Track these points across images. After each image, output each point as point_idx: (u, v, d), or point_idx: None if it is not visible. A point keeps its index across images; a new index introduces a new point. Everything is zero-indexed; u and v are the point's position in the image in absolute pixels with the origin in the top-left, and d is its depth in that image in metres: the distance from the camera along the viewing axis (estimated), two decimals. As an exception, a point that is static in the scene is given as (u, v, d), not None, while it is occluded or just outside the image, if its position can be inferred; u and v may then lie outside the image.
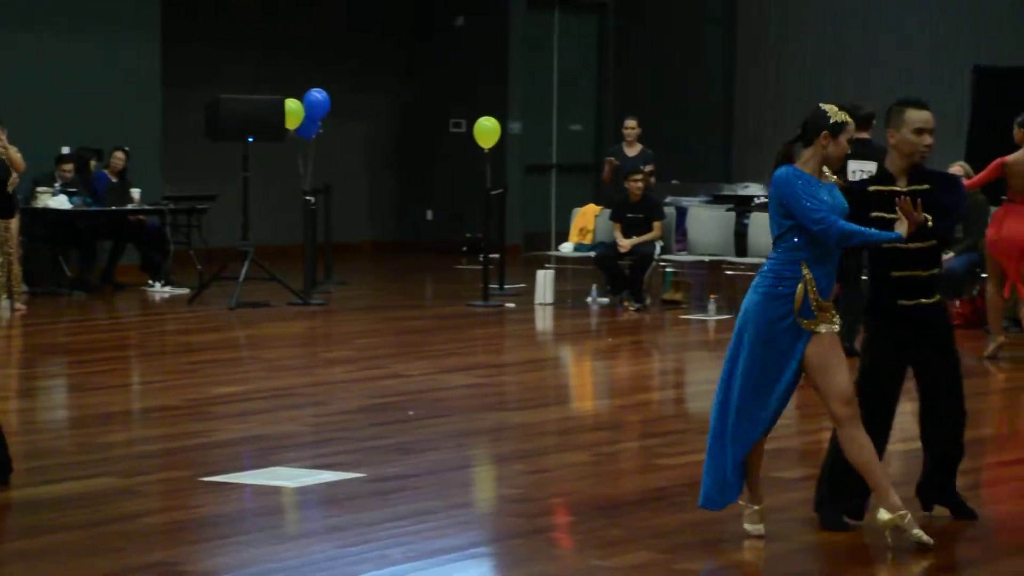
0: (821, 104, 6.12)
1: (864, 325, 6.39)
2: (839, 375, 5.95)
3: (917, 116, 6.21)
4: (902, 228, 5.98)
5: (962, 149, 17.17)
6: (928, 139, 6.19)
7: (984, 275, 13.03)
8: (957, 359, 6.35)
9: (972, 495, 6.86)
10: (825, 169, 6.08)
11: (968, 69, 18.05)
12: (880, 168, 6.38)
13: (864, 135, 10.78)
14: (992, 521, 6.54)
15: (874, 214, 6.14)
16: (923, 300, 6.22)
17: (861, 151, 10.66)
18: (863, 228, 5.97)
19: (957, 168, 12.96)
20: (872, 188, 6.27)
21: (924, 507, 6.41)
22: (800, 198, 5.92)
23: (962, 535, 6.29)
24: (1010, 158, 10.88)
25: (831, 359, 5.96)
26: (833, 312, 6.01)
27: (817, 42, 20.15)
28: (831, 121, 6.03)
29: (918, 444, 6.51)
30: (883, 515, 5.93)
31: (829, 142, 6.02)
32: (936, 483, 6.39)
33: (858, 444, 5.96)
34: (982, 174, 11.02)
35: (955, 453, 6.42)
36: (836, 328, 6.01)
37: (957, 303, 12.88)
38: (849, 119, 6.08)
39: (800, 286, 5.93)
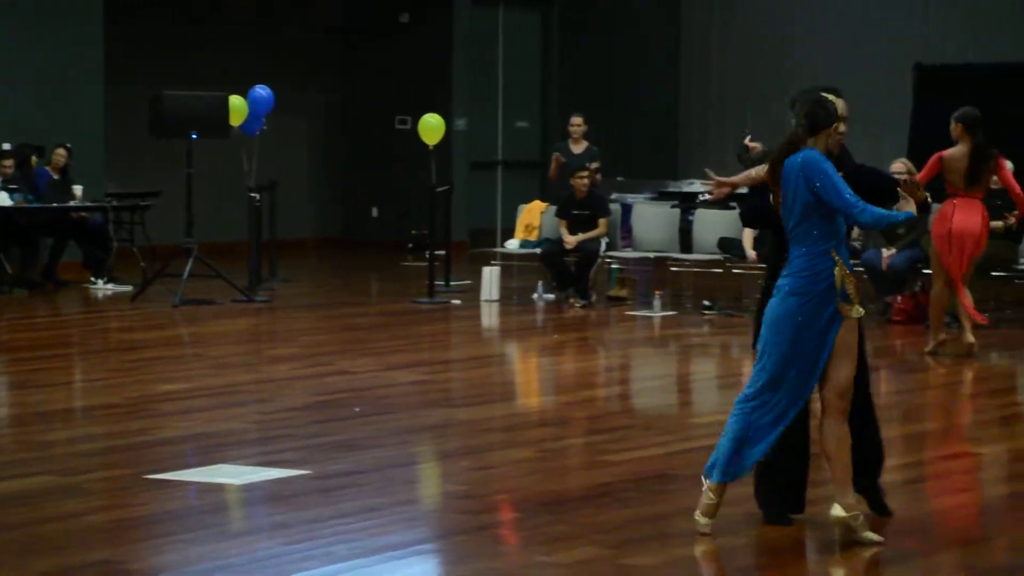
0: (821, 93, 6.08)
1: (774, 296, 6.30)
2: (848, 365, 5.97)
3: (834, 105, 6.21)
4: (912, 208, 6.02)
5: (905, 146, 17.31)
6: (843, 127, 6.22)
7: (926, 271, 13.16)
8: (864, 352, 6.31)
9: (913, 489, 6.92)
10: None
11: (911, 67, 18.19)
12: None
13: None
14: (933, 514, 6.59)
15: None
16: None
17: None
18: (887, 211, 6.00)
19: (899, 165, 13.06)
20: None
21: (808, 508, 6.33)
22: (834, 179, 5.91)
23: (903, 528, 6.33)
24: (947, 153, 10.97)
25: (849, 346, 5.98)
26: (860, 297, 6.05)
27: (760, 40, 20.26)
28: (838, 112, 6.09)
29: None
30: (837, 511, 5.94)
31: (833, 133, 6.08)
32: (859, 485, 6.27)
33: (837, 437, 5.96)
34: (923, 171, 11.09)
35: (877, 453, 6.37)
36: (863, 313, 6.03)
37: (899, 299, 12.98)
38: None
39: (836, 271, 5.92)
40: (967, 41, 18.62)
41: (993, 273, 12.89)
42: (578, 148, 15.27)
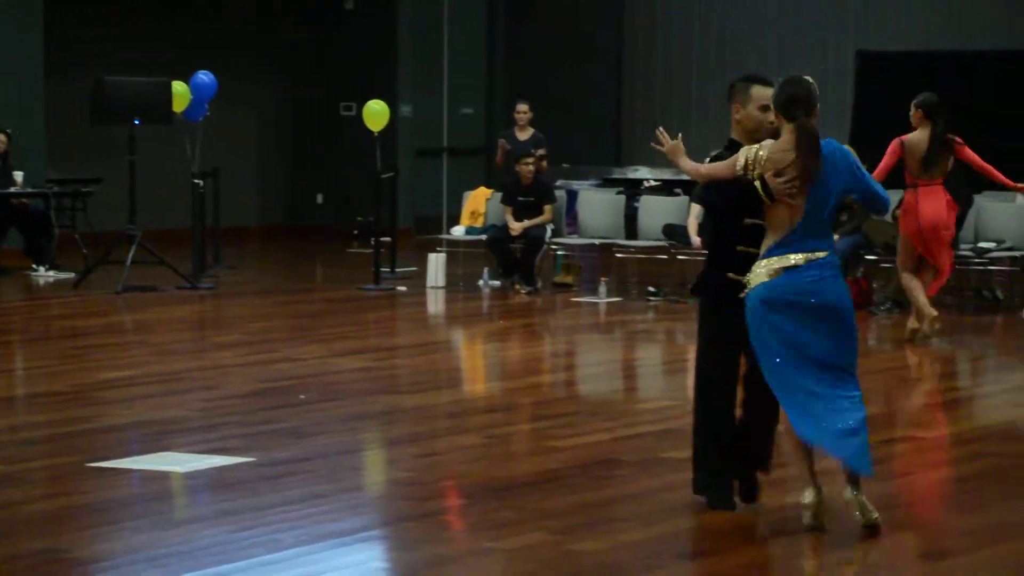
0: (804, 77, 6.03)
1: (706, 293, 6.30)
2: None
3: (762, 93, 6.16)
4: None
5: (846, 133, 17.44)
6: (771, 116, 6.18)
7: (869, 257, 13.26)
8: None
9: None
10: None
11: (852, 54, 18.31)
12: (733, 143, 6.34)
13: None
14: (878, 498, 6.65)
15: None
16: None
17: None
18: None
19: None
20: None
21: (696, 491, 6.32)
22: (861, 167, 6.02)
23: (848, 512, 6.38)
24: (907, 138, 10.99)
25: None
26: None
27: (704, 26, 20.32)
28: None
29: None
30: (847, 494, 5.99)
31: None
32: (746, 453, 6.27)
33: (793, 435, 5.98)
34: (885, 160, 11.05)
35: (769, 443, 6.31)
36: None
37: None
38: None
39: None
40: (909, 28, 18.75)
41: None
42: (524, 135, 15.27)
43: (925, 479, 7.30)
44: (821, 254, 5.93)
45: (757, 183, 5.94)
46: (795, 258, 5.91)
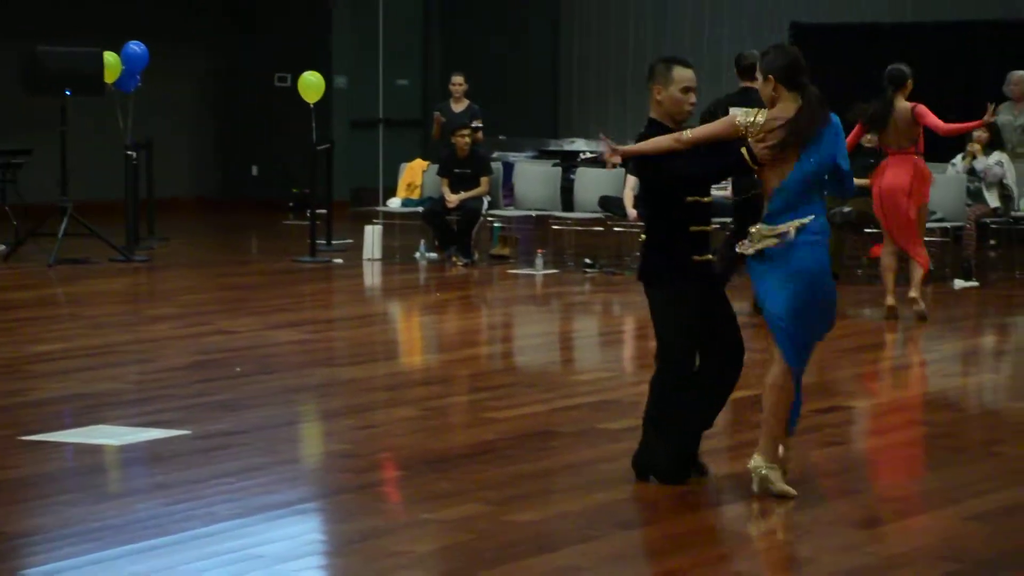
0: (786, 47, 6.14)
1: (660, 282, 6.24)
2: None
3: (684, 74, 6.24)
4: None
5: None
6: (692, 97, 6.24)
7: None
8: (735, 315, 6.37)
9: (790, 444, 7.02)
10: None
11: (787, 25, 18.38)
12: (653, 122, 6.32)
13: (748, 84, 11.02)
14: (807, 467, 6.71)
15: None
16: (708, 256, 6.28)
17: (743, 100, 10.91)
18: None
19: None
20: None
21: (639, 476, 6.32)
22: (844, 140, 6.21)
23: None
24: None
25: None
26: None
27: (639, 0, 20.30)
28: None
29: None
30: (757, 461, 6.05)
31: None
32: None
33: (788, 391, 6.05)
34: (850, 137, 11.11)
35: (720, 401, 6.37)
36: None
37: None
38: None
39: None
40: (842, 1, 18.84)
41: (867, 230, 13.11)
42: (459, 107, 15.23)
43: (858, 448, 7.38)
44: (807, 220, 5.98)
45: (744, 149, 5.99)
46: (784, 226, 5.97)
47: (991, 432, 7.71)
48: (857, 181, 12.01)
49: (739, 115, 6.07)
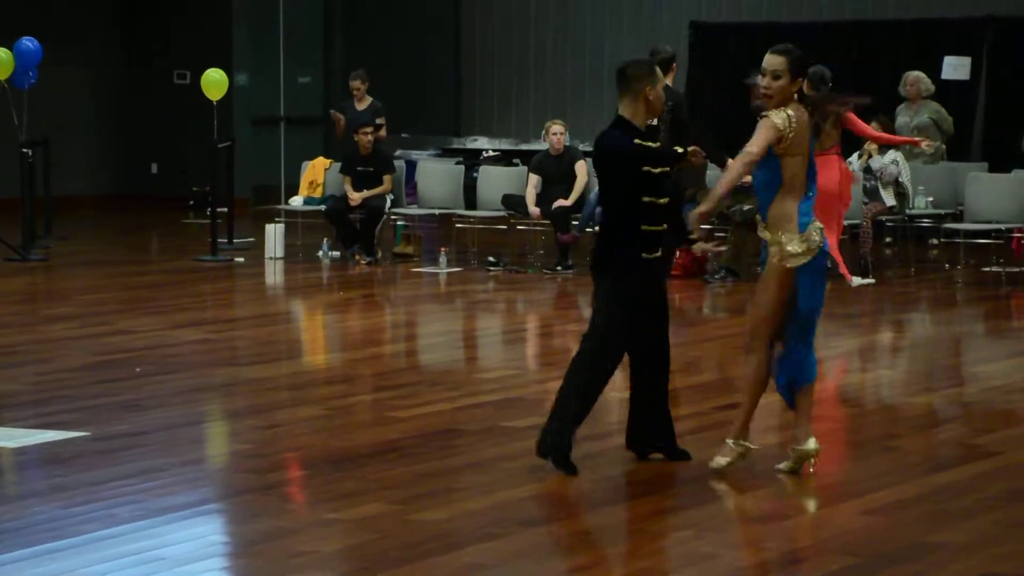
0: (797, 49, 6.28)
1: (608, 273, 6.46)
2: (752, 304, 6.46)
3: (660, 73, 6.55)
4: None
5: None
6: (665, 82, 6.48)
7: (704, 226, 13.46)
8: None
9: (692, 439, 7.10)
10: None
11: (686, 24, 18.53)
12: (630, 126, 6.42)
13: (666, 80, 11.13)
14: (708, 463, 6.77)
15: (644, 168, 6.36)
16: (657, 254, 6.48)
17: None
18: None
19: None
20: (637, 142, 6.40)
21: (640, 455, 6.64)
22: None
23: (681, 477, 6.50)
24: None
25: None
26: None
27: (542, -4, 20.36)
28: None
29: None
30: (811, 444, 6.40)
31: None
32: (653, 429, 6.62)
33: (763, 373, 6.39)
34: None
35: (665, 400, 6.67)
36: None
37: (677, 254, 13.24)
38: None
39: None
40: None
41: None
42: (361, 105, 15.18)
43: (757, 444, 7.45)
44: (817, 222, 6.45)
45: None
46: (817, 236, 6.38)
47: (888, 427, 7.84)
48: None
49: (775, 118, 6.22)
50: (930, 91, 13.84)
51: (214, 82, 15.15)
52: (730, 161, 6.52)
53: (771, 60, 6.28)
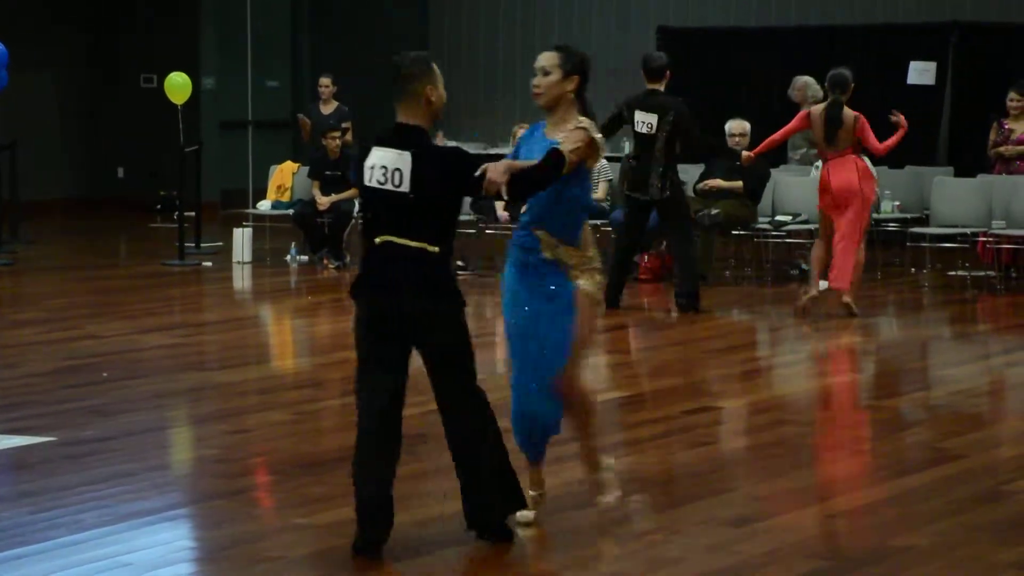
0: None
1: (457, 296, 5.69)
2: None
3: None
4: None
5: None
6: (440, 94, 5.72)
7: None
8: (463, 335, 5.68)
9: (659, 444, 7.12)
10: None
11: (653, 29, 18.57)
12: (406, 128, 5.71)
13: (654, 86, 11.18)
14: (677, 467, 6.79)
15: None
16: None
17: (647, 102, 11.09)
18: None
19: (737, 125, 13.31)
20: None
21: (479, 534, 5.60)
22: None
23: (648, 480, 6.51)
24: (813, 109, 11.22)
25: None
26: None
27: (508, 2, 20.38)
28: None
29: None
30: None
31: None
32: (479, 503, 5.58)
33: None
34: (790, 124, 11.40)
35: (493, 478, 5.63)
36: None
37: (646, 258, 13.28)
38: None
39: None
40: (708, 4, 19.08)
41: (733, 232, 13.30)
42: (328, 108, 15.17)
43: (726, 448, 7.48)
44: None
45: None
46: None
47: (855, 431, 7.87)
48: (730, 184, 12.27)
49: (594, 132, 5.61)
50: (816, 97, 13.86)
51: (177, 85, 15.09)
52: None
53: (543, 56, 5.72)
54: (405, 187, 5.50)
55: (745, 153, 11.70)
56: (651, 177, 11.25)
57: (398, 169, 5.52)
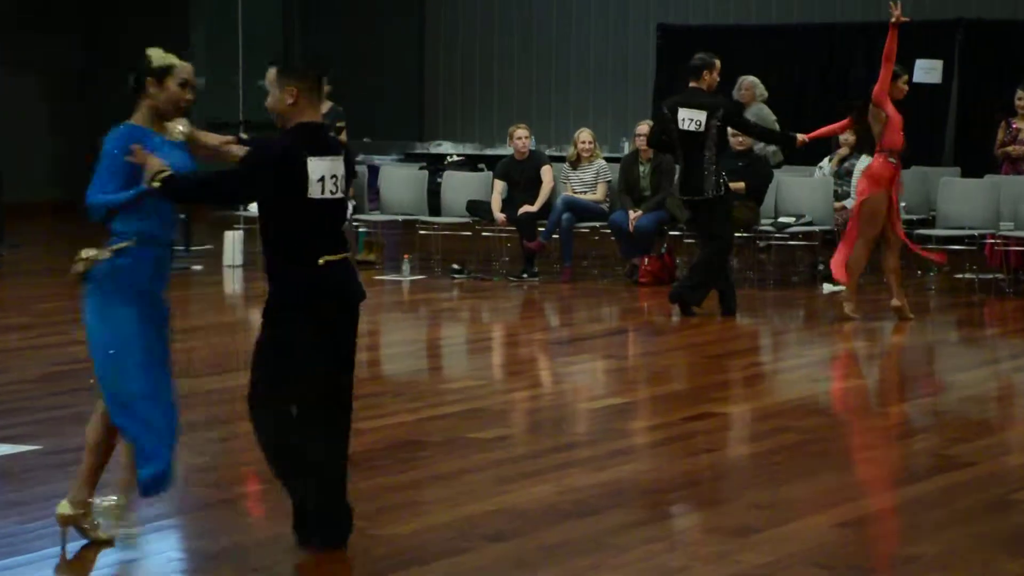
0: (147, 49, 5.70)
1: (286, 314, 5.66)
2: None
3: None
4: None
5: (648, 109, 17.71)
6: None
7: (673, 232, 13.51)
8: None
9: (660, 451, 7.11)
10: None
11: (653, 27, 18.58)
12: (281, 128, 5.82)
13: (696, 85, 11.22)
14: (679, 475, 6.78)
15: None
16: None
17: (692, 100, 11.12)
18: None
19: (644, 127, 13.31)
20: None
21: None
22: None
23: (648, 488, 6.50)
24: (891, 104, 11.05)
25: None
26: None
27: (505, 2, 20.37)
28: (153, 66, 5.68)
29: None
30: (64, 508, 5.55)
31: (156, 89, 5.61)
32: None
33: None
34: (838, 124, 11.51)
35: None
36: None
37: (646, 261, 13.28)
38: (175, 62, 5.66)
39: None
40: (709, 1, 19.09)
41: (736, 234, 13.27)
42: (322, 108, 15.14)
43: (728, 455, 7.47)
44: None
45: None
46: None
47: (860, 438, 7.87)
48: (733, 185, 12.23)
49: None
50: (763, 96, 13.86)
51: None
52: None
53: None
54: (340, 193, 5.50)
55: (800, 136, 11.65)
56: (704, 176, 11.20)
57: (335, 176, 5.52)
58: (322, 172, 5.49)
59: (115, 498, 5.62)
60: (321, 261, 5.45)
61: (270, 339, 5.51)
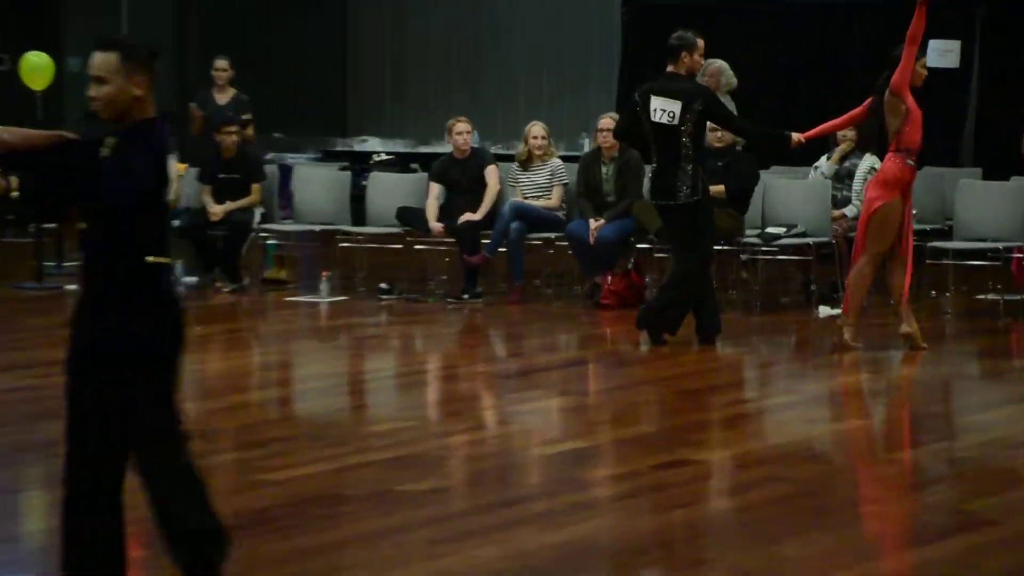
0: None
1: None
2: None
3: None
4: None
5: (613, 91, 17.84)
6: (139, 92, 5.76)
7: (640, 245, 13.55)
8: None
9: (624, 505, 7.11)
10: None
11: (618, 5, 18.71)
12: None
13: (674, 69, 11.10)
14: (648, 535, 6.80)
15: None
16: None
17: (667, 87, 11.04)
18: None
19: (607, 121, 13.36)
20: None
21: None
22: None
23: (608, 550, 6.51)
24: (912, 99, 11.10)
25: None
26: None
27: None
28: None
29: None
30: None
31: None
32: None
33: None
34: (856, 110, 11.41)
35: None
36: None
37: (609, 279, 13.30)
38: None
39: None
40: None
41: (714, 247, 13.33)
42: (224, 97, 15.15)
43: (706, 510, 7.50)
44: None
45: None
46: None
47: (860, 490, 7.91)
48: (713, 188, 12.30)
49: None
50: (731, 86, 13.96)
51: (35, 67, 15.02)
52: None
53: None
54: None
55: (796, 136, 11.46)
56: (678, 177, 11.07)
57: None
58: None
59: None
60: None
61: None
